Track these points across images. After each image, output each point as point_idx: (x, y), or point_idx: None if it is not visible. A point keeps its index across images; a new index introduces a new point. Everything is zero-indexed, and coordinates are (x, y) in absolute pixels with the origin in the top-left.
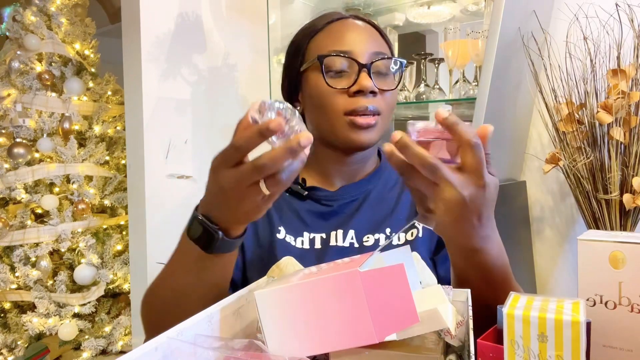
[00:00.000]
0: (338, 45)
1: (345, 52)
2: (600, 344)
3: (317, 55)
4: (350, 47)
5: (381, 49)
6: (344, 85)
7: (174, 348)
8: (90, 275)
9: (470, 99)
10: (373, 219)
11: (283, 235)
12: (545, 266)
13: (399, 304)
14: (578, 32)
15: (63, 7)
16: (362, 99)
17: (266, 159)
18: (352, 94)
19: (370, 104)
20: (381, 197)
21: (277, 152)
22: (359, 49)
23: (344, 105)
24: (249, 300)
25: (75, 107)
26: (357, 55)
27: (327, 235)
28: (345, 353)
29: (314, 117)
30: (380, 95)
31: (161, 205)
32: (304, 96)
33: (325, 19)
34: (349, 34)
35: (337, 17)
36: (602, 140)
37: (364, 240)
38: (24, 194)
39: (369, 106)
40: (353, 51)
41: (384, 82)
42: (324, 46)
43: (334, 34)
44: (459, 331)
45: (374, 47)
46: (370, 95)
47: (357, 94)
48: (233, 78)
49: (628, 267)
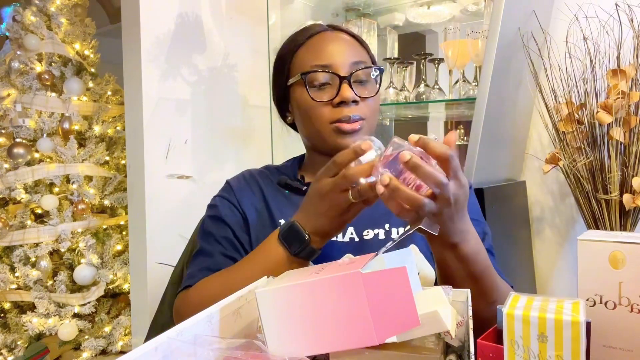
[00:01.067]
0: (319, 60)
1: (325, 66)
2: (600, 344)
3: (300, 73)
4: (329, 61)
5: (360, 57)
6: (327, 97)
7: (174, 348)
8: (90, 275)
9: (470, 99)
10: (371, 215)
11: None
12: (545, 266)
13: (400, 307)
14: (578, 32)
15: (63, 7)
16: (345, 108)
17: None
18: (336, 104)
19: (353, 112)
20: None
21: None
22: (338, 61)
23: (329, 116)
24: (249, 300)
25: (75, 107)
26: (337, 67)
27: None
28: (345, 353)
29: (303, 127)
30: (362, 102)
31: (161, 205)
32: (293, 108)
33: (306, 33)
34: (328, 48)
35: (316, 30)
36: (602, 141)
37: (364, 234)
38: (23, 194)
39: (351, 115)
40: (333, 64)
41: (364, 90)
42: (306, 61)
43: (314, 48)
44: (459, 331)
45: (353, 57)
46: (353, 104)
47: (340, 105)
48: (233, 78)
49: (628, 267)
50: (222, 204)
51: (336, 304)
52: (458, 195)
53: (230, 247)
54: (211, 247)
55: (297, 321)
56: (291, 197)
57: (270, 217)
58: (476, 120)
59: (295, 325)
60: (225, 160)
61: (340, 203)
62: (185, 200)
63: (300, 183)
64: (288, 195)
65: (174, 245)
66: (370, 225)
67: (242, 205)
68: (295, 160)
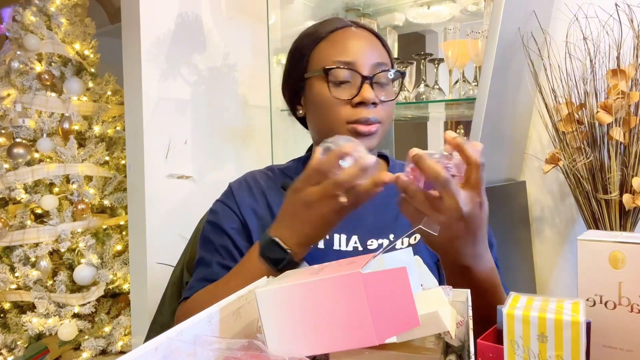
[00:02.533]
0: (341, 56)
1: (348, 64)
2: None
3: (323, 68)
4: (353, 58)
5: (382, 59)
6: (347, 96)
7: (174, 348)
8: (90, 275)
9: (470, 99)
10: (376, 224)
11: None
12: (545, 266)
13: (400, 307)
14: (578, 32)
15: (63, 7)
16: (363, 109)
17: (345, 175)
18: (355, 104)
19: (371, 114)
20: (385, 203)
21: (352, 169)
22: (361, 60)
23: (347, 115)
24: (249, 300)
25: (75, 107)
26: (360, 66)
27: (330, 237)
28: (345, 353)
29: (316, 122)
30: (380, 105)
31: (161, 205)
32: (307, 102)
33: (329, 26)
34: (351, 45)
35: (340, 25)
36: (602, 141)
37: (368, 244)
38: (23, 194)
39: (370, 117)
40: (356, 62)
41: (384, 92)
42: (328, 56)
43: (337, 44)
44: (459, 331)
45: (375, 57)
46: (372, 106)
47: (359, 105)
48: (233, 78)
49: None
50: (222, 210)
51: (336, 304)
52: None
53: (228, 257)
54: (210, 257)
55: (297, 321)
56: None
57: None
58: (476, 120)
59: (295, 325)
60: (225, 160)
61: (330, 210)
62: (185, 200)
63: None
64: None
65: (174, 245)
66: (375, 235)
67: (242, 211)
68: (298, 161)
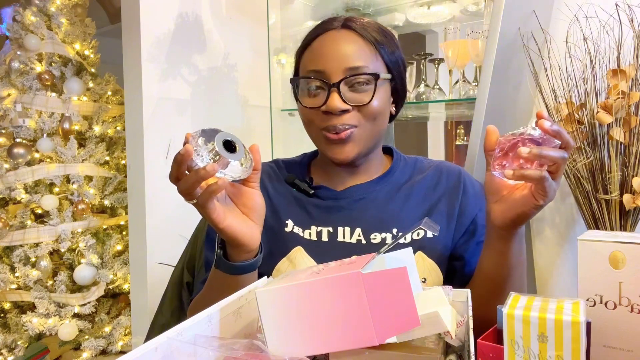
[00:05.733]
0: (314, 65)
1: (318, 72)
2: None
3: (290, 78)
4: (323, 66)
5: (360, 61)
6: (316, 104)
7: (174, 348)
8: (90, 275)
9: (470, 99)
10: (380, 218)
11: (291, 227)
12: (545, 266)
13: (401, 307)
14: (578, 32)
15: (63, 7)
16: (332, 117)
17: (182, 183)
18: (323, 112)
19: (341, 122)
20: (389, 198)
21: (189, 179)
22: (332, 67)
23: (319, 123)
24: (249, 300)
25: (75, 107)
26: (330, 74)
27: (334, 229)
28: (345, 353)
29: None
30: (355, 109)
31: (161, 205)
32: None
33: (315, 31)
34: (325, 52)
35: (323, 29)
36: (602, 141)
37: (372, 237)
38: (24, 194)
39: (337, 125)
40: (326, 70)
41: (359, 96)
42: (305, 65)
43: (314, 51)
44: (459, 331)
45: (351, 61)
46: (343, 112)
47: (327, 114)
48: (233, 78)
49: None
50: None
51: (336, 304)
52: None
53: None
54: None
55: (297, 321)
56: (299, 197)
57: (276, 218)
58: (476, 120)
59: (295, 325)
60: None
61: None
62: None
63: (307, 185)
64: (296, 194)
65: (174, 245)
66: (378, 229)
67: None
68: (305, 156)
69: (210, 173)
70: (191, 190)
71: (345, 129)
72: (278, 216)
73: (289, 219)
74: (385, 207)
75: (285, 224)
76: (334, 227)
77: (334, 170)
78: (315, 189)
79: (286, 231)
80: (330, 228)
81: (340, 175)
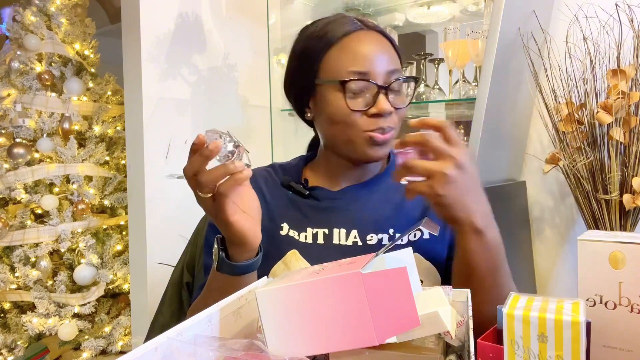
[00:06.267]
0: (355, 65)
1: (363, 74)
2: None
3: (338, 79)
4: (367, 68)
5: (395, 64)
6: (362, 106)
7: (174, 348)
8: (90, 275)
9: (470, 99)
10: (376, 218)
11: (286, 231)
12: (545, 266)
13: (401, 307)
14: (578, 32)
15: (63, 7)
16: (380, 120)
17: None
18: (371, 115)
19: (387, 124)
20: (386, 198)
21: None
22: (376, 69)
23: (363, 125)
24: (249, 300)
25: (75, 107)
26: (375, 75)
27: (329, 231)
28: (345, 353)
29: (329, 129)
30: (394, 112)
31: (161, 205)
32: (318, 107)
33: (339, 29)
34: (364, 52)
35: (350, 28)
36: (602, 141)
37: (368, 239)
38: (23, 194)
39: (385, 127)
40: (370, 72)
41: (398, 100)
42: (341, 65)
43: (350, 51)
44: (459, 331)
45: (389, 64)
46: (387, 115)
47: (375, 116)
48: (233, 78)
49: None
50: None
51: (336, 304)
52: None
53: None
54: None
55: (297, 321)
56: (295, 199)
57: (272, 221)
58: (476, 120)
59: (295, 325)
60: None
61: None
62: (185, 200)
63: (303, 187)
64: (291, 197)
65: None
66: (374, 230)
67: None
68: (301, 159)
69: (238, 167)
70: (215, 182)
71: (390, 131)
72: (274, 220)
73: (284, 222)
74: (381, 208)
75: (280, 227)
76: (329, 228)
77: (336, 171)
78: (311, 190)
79: (281, 234)
80: (326, 229)
81: (338, 177)
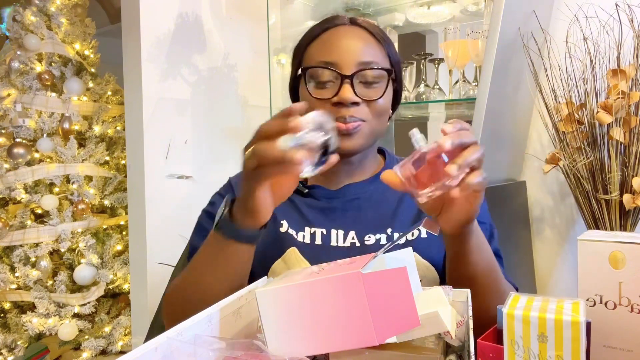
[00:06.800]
0: (326, 56)
1: (330, 63)
2: (600, 344)
3: (301, 67)
4: (336, 58)
5: (371, 57)
6: (327, 95)
7: (174, 348)
8: (90, 275)
9: (470, 99)
10: (374, 218)
11: (286, 228)
12: (545, 266)
13: (401, 307)
14: (578, 32)
15: (63, 7)
16: (342, 109)
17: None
18: (333, 104)
19: (350, 114)
20: (383, 198)
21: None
22: (345, 60)
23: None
24: (249, 300)
25: (75, 107)
26: (342, 66)
27: (327, 232)
28: (345, 353)
29: None
30: (364, 103)
31: (161, 205)
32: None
33: (323, 25)
34: (338, 44)
35: (334, 23)
36: (602, 141)
37: (366, 239)
38: (24, 194)
39: (347, 117)
40: (338, 62)
41: (369, 91)
42: (314, 56)
43: (325, 43)
44: (459, 331)
45: (362, 56)
46: (353, 105)
47: (338, 105)
48: (233, 78)
49: (628, 267)
50: (219, 202)
51: (336, 304)
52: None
53: None
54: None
55: (297, 321)
56: (294, 198)
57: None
58: (476, 120)
59: (295, 325)
60: (225, 160)
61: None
62: (185, 200)
63: (302, 185)
64: (291, 196)
65: (174, 245)
66: (372, 230)
67: None
68: None
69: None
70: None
71: (354, 122)
72: (274, 217)
73: (284, 220)
74: (379, 208)
75: (280, 224)
76: (327, 229)
77: (331, 168)
78: (310, 189)
79: (281, 232)
80: (324, 230)
81: (336, 175)
